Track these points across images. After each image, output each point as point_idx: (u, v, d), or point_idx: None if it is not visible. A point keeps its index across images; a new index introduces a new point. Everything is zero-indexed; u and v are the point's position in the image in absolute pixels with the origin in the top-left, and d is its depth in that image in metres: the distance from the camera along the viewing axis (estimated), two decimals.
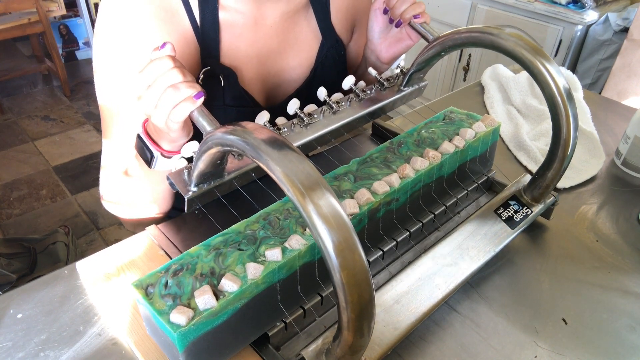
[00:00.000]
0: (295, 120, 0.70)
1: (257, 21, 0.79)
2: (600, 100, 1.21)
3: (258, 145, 0.43)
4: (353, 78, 0.76)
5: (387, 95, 0.79)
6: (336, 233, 0.39)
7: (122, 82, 0.71)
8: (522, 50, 0.62)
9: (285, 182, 0.40)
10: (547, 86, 0.62)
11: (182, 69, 0.55)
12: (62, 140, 2.81)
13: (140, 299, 0.50)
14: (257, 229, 0.58)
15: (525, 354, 0.60)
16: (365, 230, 0.63)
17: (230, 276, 0.51)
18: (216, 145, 0.49)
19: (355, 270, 0.40)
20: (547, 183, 0.71)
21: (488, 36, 0.65)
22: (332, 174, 0.67)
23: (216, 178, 0.60)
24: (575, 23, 1.97)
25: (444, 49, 0.72)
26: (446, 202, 0.76)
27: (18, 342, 0.59)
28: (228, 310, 0.50)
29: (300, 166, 0.41)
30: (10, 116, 3.00)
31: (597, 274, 0.72)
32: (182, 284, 0.51)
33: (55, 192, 2.42)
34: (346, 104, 0.75)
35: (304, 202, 0.39)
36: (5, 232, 2.16)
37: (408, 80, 0.81)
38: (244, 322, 0.53)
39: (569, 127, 0.63)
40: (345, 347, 0.45)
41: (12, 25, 2.81)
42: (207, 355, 0.52)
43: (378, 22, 0.84)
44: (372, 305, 0.42)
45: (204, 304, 0.48)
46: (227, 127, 0.47)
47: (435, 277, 0.63)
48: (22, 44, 3.52)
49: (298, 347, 0.58)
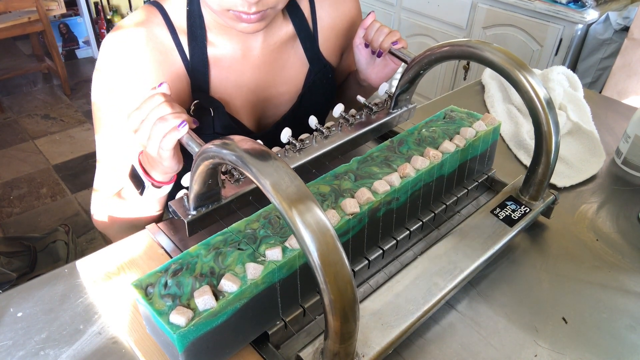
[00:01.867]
0: (288, 147, 0.75)
1: (245, 53, 0.84)
2: (600, 99, 1.21)
3: (243, 156, 0.45)
4: (342, 106, 0.82)
5: (376, 119, 0.84)
6: (303, 207, 0.41)
7: (119, 117, 0.77)
8: (499, 60, 0.65)
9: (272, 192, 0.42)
10: (527, 94, 0.64)
11: (170, 102, 0.62)
12: (62, 138, 2.81)
13: (139, 299, 0.50)
14: (257, 228, 0.57)
15: (526, 353, 0.60)
16: (366, 229, 0.63)
17: (229, 276, 0.51)
18: (207, 159, 0.51)
19: (329, 250, 0.40)
20: (539, 179, 0.72)
21: (461, 48, 0.69)
22: (332, 172, 0.67)
23: (214, 201, 0.64)
24: (576, 22, 1.97)
25: (422, 68, 0.76)
26: (446, 200, 0.76)
27: (18, 340, 0.59)
28: (228, 310, 0.50)
29: (284, 176, 0.43)
30: (10, 115, 3.00)
31: (597, 273, 0.72)
32: (181, 284, 0.51)
33: (55, 191, 2.42)
34: (337, 129, 0.80)
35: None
36: (5, 231, 2.16)
37: (395, 103, 0.86)
38: (244, 322, 0.53)
39: (549, 128, 0.66)
40: (334, 335, 0.45)
41: (12, 24, 2.81)
42: (206, 355, 0.52)
43: (362, 55, 0.91)
44: (352, 287, 0.42)
45: (204, 305, 0.48)
46: (216, 141, 0.49)
47: (433, 275, 0.63)
48: (22, 43, 3.52)
49: (298, 346, 0.58)
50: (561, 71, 1.18)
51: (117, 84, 0.76)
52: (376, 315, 0.58)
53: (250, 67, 0.85)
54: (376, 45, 0.87)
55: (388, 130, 0.88)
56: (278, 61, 0.88)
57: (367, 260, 0.66)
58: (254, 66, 0.86)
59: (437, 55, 0.73)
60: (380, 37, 0.86)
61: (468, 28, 2.38)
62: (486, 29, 2.31)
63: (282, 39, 0.88)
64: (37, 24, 2.89)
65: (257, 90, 0.87)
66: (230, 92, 0.85)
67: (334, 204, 0.61)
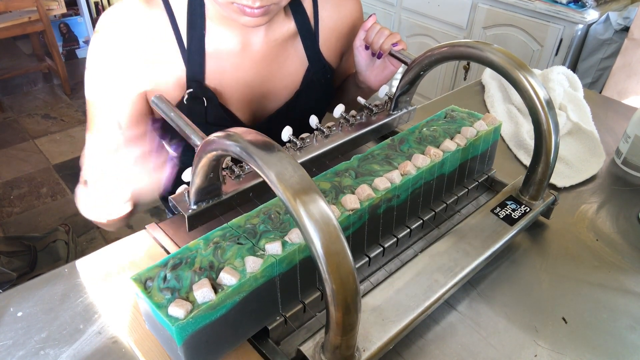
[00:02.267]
0: (289, 145, 0.75)
1: (244, 47, 0.84)
2: (600, 100, 1.21)
3: (247, 147, 0.45)
4: (343, 107, 0.82)
5: (376, 120, 0.85)
6: (307, 198, 0.41)
7: (110, 86, 0.79)
8: (499, 60, 0.66)
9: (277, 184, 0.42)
10: (527, 94, 0.65)
11: None
12: (63, 138, 2.81)
13: (139, 292, 0.50)
14: (257, 223, 0.58)
15: (525, 353, 0.60)
16: (366, 226, 0.63)
17: (228, 269, 0.51)
18: (210, 151, 0.51)
19: (332, 240, 0.41)
20: (539, 178, 0.72)
21: (461, 49, 0.70)
22: (333, 169, 0.67)
23: (214, 197, 0.65)
24: (576, 22, 1.97)
25: (423, 69, 0.77)
26: (447, 199, 0.76)
27: (18, 340, 0.59)
28: (227, 303, 0.50)
29: (290, 168, 0.43)
30: (10, 114, 3.00)
31: (597, 273, 0.72)
32: (180, 277, 0.51)
33: (55, 190, 2.42)
34: (337, 129, 0.81)
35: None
36: (5, 230, 2.16)
37: (395, 104, 0.86)
38: (243, 316, 0.53)
39: (549, 128, 0.66)
40: (335, 327, 0.45)
41: (12, 23, 2.81)
42: (206, 349, 0.52)
43: (362, 57, 0.91)
44: (354, 278, 0.43)
45: (202, 297, 0.48)
46: (219, 133, 0.48)
47: (434, 272, 0.63)
48: (23, 43, 3.52)
49: (298, 342, 0.58)
50: (561, 71, 1.18)
51: (112, 53, 0.77)
52: (377, 310, 0.58)
53: (248, 60, 0.85)
54: (376, 47, 0.87)
55: (388, 131, 0.89)
56: (278, 57, 0.88)
57: (368, 257, 0.66)
58: (252, 60, 0.86)
59: (437, 56, 0.73)
60: (380, 38, 0.86)
61: (468, 28, 2.38)
62: (486, 29, 2.31)
63: (284, 35, 0.88)
64: (38, 24, 2.89)
65: (253, 84, 0.87)
66: (226, 83, 0.85)
67: (334, 200, 0.61)
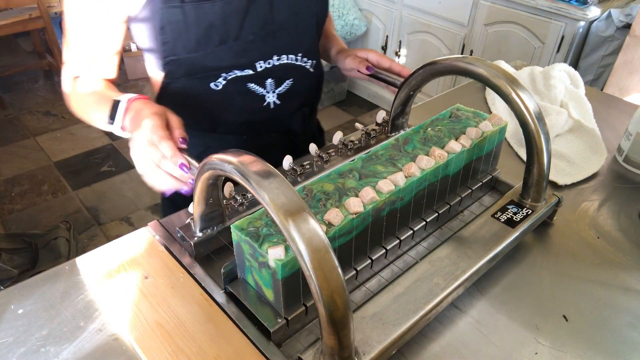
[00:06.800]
0: (290, 172, 0.79)
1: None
2: (602, 97, 1.21)
3: (246, 171, 0.47)
4: (341, 134, 0.87)
5: (374, 144, 0.88)
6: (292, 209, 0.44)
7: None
8: (489, 75, 0.69)
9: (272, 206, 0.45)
10: (518, 108, 0.68)
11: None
12: (64, 135, 2.82)
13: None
14: (260, 226, 0.57)
15: (526, 350, 0.60)
16: (369, 229, 0.63)
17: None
18: (209, 169, 0.53)
19: (311, 235, 0.43)
20: (536, 178, 0.72)
21: (452, 63, 0.73)
22: (336, 170, 0.66)
23: (218, 223, 0.69)
24: (578, 19, 1.96)
25: (412, 89, 0.81)
26: (450, 200, 0.75)
27: (19, 337, 0.59)
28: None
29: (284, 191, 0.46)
30: (11, 112, 3.01)
31: (598, 270, 0.72)
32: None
33: (56, 188, 2.42)
34: (336, 154, 0.85)
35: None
36: (7, 228, 2.17)
37: (392, 127, 0.90)
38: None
39: (539, 140, 0.69)
40: (326, 326, 0.45)
41: (13, 20, 2.81)
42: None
43: (355, 73, 0.98)
44: (337, 272, 0.43)
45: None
46: (219, 155, 0.51)
47: (434, 276, 0.63)
48: (23, 40, 3.52)
49: (299, 344, 0.59)
50: (563, 68, 1.17)
51: None
52: (377, 315, 0.58)
53: None
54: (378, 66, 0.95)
55: None
56: None
57: (370, 259, 0.66)
58: None
59: (422, 76, 0.78)
60: (391, 65, 0.93)
61: (470, 25, 2.38)
62: (488, 26, 2.30)
63: None
64: (38, 21, 2.89)
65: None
66: None
67: (337, 203, 0.60)
